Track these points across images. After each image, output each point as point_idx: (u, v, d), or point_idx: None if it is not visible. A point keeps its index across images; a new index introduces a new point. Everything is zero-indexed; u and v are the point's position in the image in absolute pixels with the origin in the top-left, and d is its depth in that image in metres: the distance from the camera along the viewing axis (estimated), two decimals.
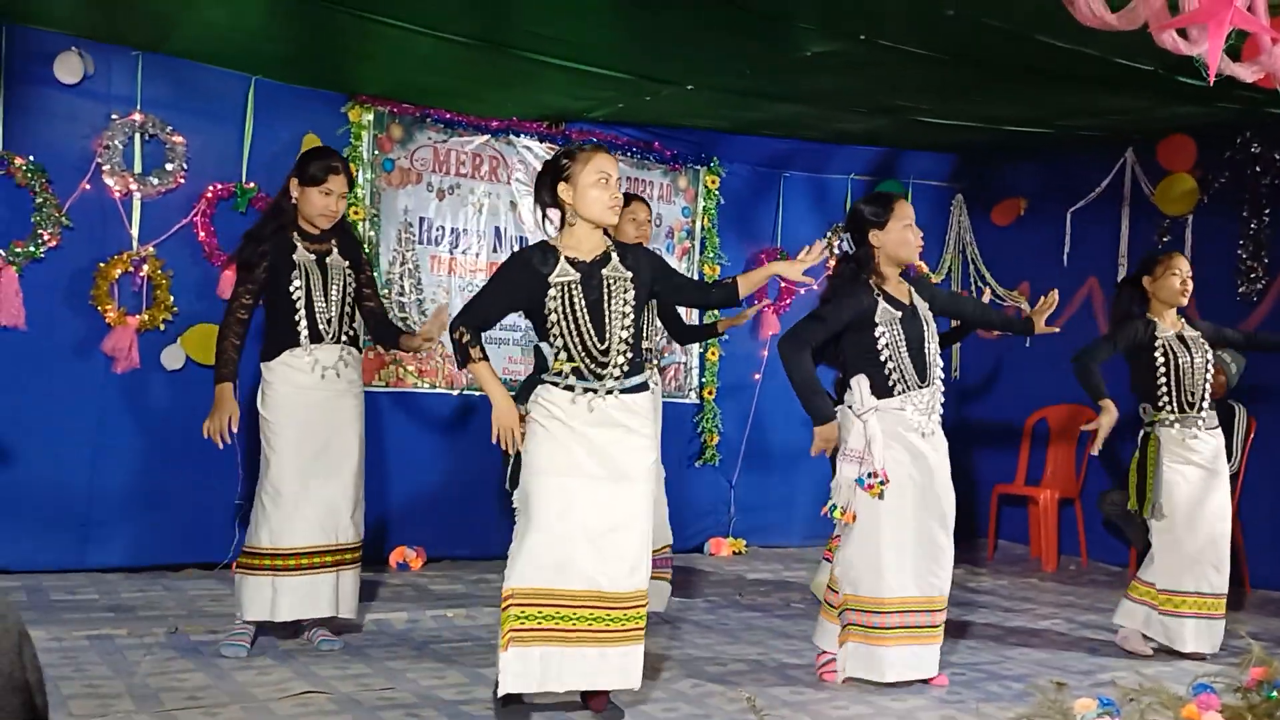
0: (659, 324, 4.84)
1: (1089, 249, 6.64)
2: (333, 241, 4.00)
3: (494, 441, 3.20)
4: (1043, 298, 4.13)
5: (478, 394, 5.94)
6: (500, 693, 3.15)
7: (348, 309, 4.00)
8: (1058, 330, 4.19)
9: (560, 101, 5.79)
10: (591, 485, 3.15)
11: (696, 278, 6.70)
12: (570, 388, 3.18)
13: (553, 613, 3.11)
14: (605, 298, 3.20)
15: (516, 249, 4.04)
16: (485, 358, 3.20)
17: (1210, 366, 4.40)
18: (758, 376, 6.90)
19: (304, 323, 3.88)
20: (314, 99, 5.50)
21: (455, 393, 5.94)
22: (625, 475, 3.18)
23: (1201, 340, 4.43)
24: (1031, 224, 7.05)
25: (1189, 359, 4.36)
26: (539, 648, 3.10)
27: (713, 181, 6.75)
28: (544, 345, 3.23)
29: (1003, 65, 4.80)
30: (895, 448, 3.69)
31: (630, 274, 3.26)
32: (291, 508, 3.86)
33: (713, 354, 6.74)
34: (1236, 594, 5.58)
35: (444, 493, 5.78)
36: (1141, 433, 4.44)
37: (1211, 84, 3.29)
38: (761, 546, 6.82)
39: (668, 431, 6.07)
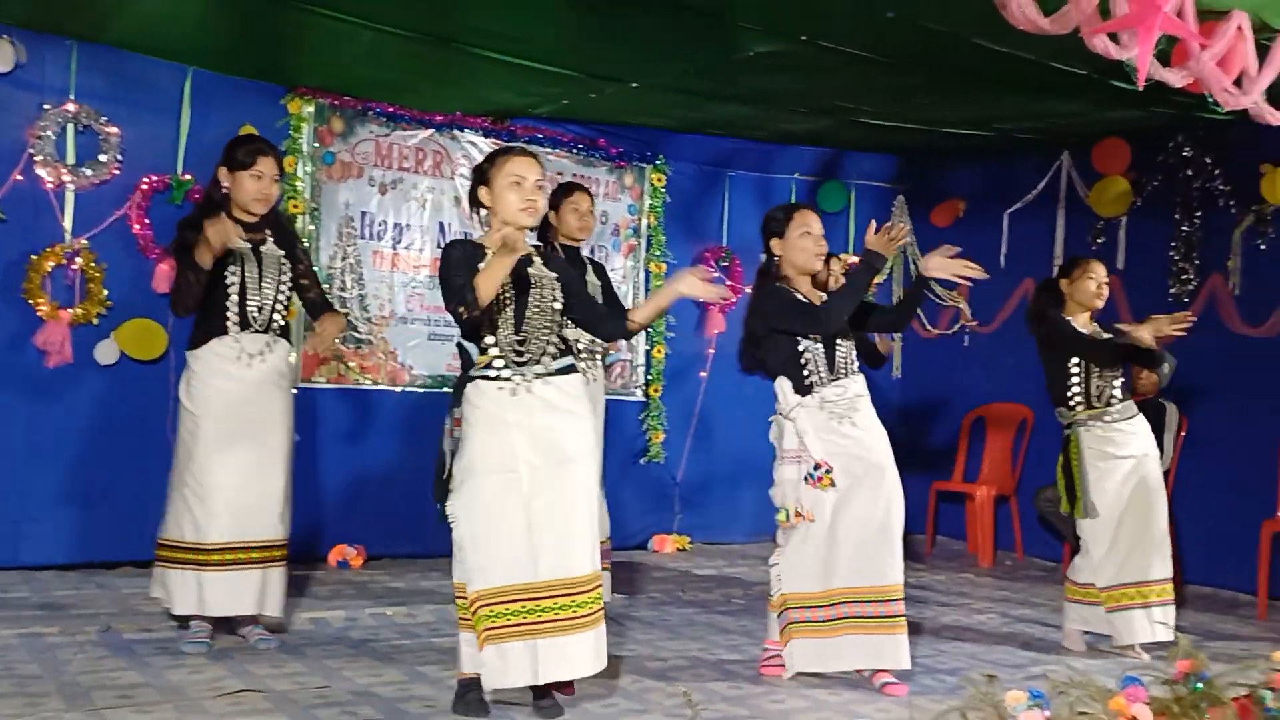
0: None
1: (1025, 250, 6.76)
2: (267, 231, 3.95)
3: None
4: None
5: (420, 391, 5.92)
6: (486, 689, 3.16)
7: (281, 299, 3.95)
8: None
9: (504, 97, 5.77)
10: (535, 474, 3.16)
11: (643, 277, 6.73)
12: (500, 379, 3.19)
13: (520, 608, 3.11)
14: (530, 293, 3.26)
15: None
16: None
17: (1121, 365, 4.50)
18: (703, 374, 6.94)
19: (234, 310, 3.84)
20: (252, 90, 5.44)
21: (398, 389, 5.90)
22: (568, 458, 3.20)
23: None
24: (970, 225, 7.16)
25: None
26: (518, 642, 3.11)
27: (659, 179, 6.77)
28: (466, 342, 3.24)
29: (942, 68, 4.88)
30: (828, 440, 3.74)
31: (554, 274, 3.34)
32: (217, 502, 3.80)
33: (658, 352, 6.76)
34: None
35: (386, 490, 5.74)
36: (1063, 435, 4.54)
37: (1141, 88, 3.37)
38: (705, 543, 6.86)
39: (613, 429, 6.10)
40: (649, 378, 6.76)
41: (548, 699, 3.23)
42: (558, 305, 3.31)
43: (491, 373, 3.21)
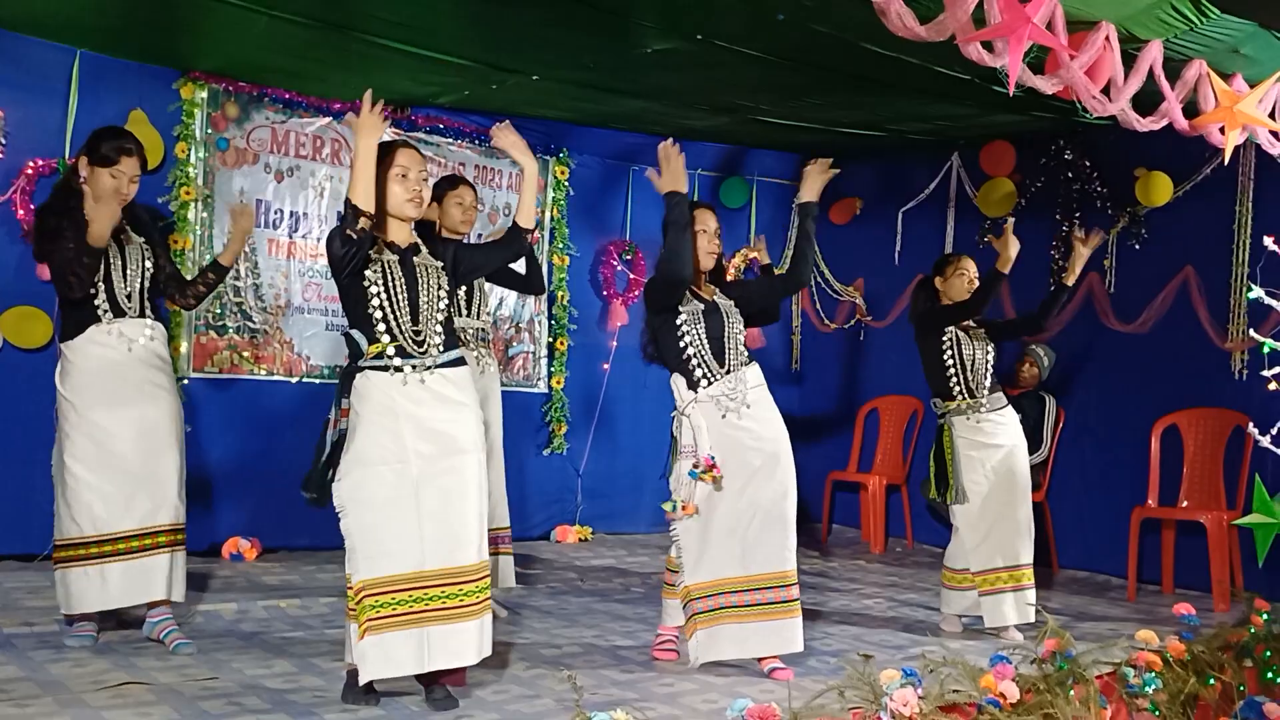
0: (489, 307, 4.89)
1: (918, 247, 6.97)
2: (122, 219, 3.86)
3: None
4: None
5: (317, 382, 5.86)
6: (363, 680, 3.16)
7: (147, 284, 3.90)
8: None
9: (404, 86, 5.74)
10: (427, 465, 3.18)
11: (546, 268, 6.76)
12: (392, 369, 3.21)
13: (405, 597, 3.14)
14: (420, 281, 3.29)
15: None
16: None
17: (991, 357, 4.71)
18: (606, 366, 7.01)
19: (103, 298, 3.78)
20: (143, 74, 5.32)
21: (294, 380, 5.83)
22: (459, 449, 3.23)
23: (983, 333, 4.75)
24: (866, 223, 7.37)
25: (972, 351, 4.67)
26: (399, 632, 3.12)
27: (562, 172, 6.80)
28: (355, 332, 3.25)
29: (833, 70, 5.02)
30: (721, 434, 3.82)
31: (441, 263, 3.38)
32: (113, 490, 3.74)
33: (561, 344, 6.80)
34: (1045, 574, 5.98)
35: (281, 482, 5.61)
36: (937, 424, 4.72)
37: (1011, 94, 3.53)
38: (608, 534, 6.94)
39: (516, 420, 6.13)
40: (552, 369, 6.80)
41: (439, 690, 3.26)
42: (444, 295, 3.34)
43: (382, 363, 3.22)
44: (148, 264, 3.91)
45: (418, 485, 3.17)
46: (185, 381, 5.36)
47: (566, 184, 6.82)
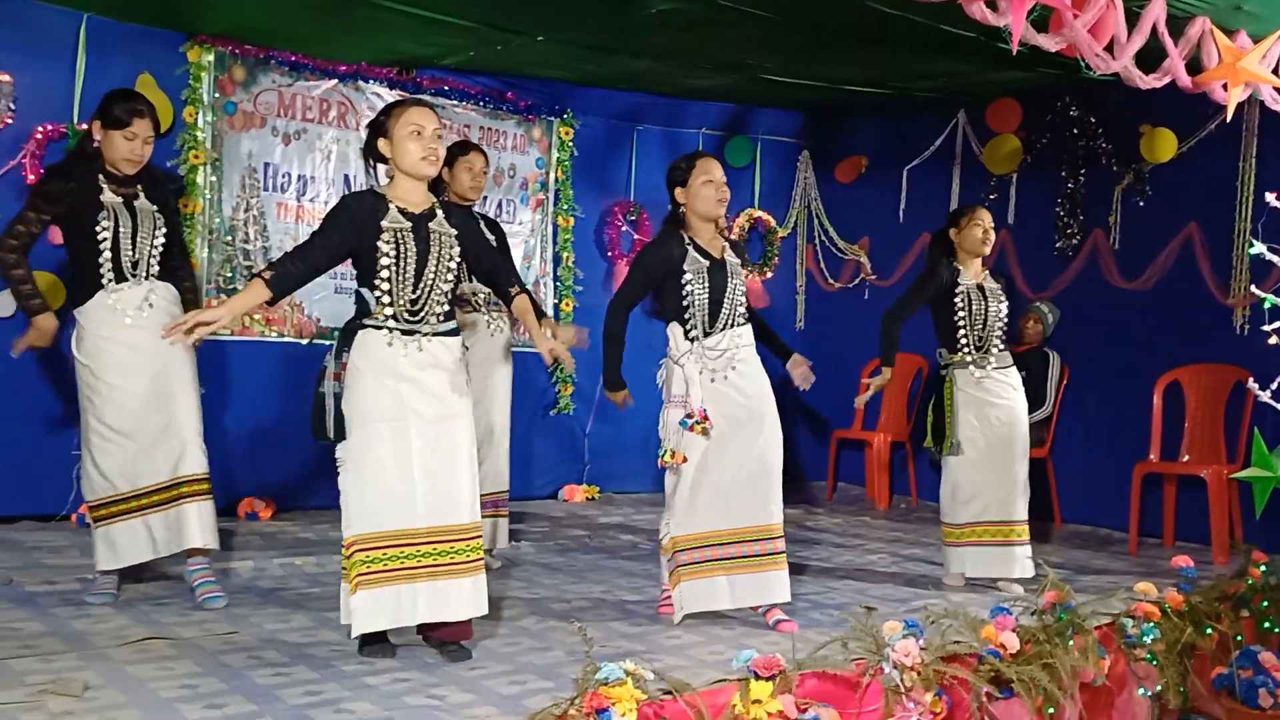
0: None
1: (923, 205, 6.98)
2: (139, 186, 3.91)
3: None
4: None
5: (327, 343, 5.88)
6: (354, 634, 3.25)
7: (157, 250, 3.92)
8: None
9: (410, 47, 5.75)
10: (422, 425, 3.25)
11: (550, 230, 6.79)
12: (396, 330, 3.26)
13: (396, 553, 3.21)
14: (432, 249, 3.31)
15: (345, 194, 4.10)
16: (269, 285, 3.17)
17: (1004, 316, 4.73)
18: None
19: (108, 265, 3.82)
20: (150, 38, 5.34)
21: (304, 342, 5.90)
22: (452, 413, 3.30)
23: (999, 291, 4.75)
24: (871, 181, 7.37)
25: (984, 307, 4.68)
26: (389, 587, 3.20)
27: (566, 133, 6.81)
28: (365, 291, 3.29)
29: (838, 28, 5.00)
30: (709, 389, 3.88)
31: (455, 232, 3.39)
32: (138, 447, 3.82)
33: (566, 305, 6.85)
34: (1046, 528, 6.07)
35: (293, 443, 5.71)
36: (939, 374, 4.76)
37: (1015, 53, 3.54)
38: (614, 492, 7.02)
39: (523, 381, 6.18)
40: None
41: (451, 644, 3.34)
42: (454, 263, 3.36)
43: (390, 324, 3.27)
44: (160, 230, 3.94)
45: (413, 444, 3.24)
46: (196, 343, 5.41)
47: (571, 145, 6.83)
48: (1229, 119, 4.48)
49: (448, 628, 3.34)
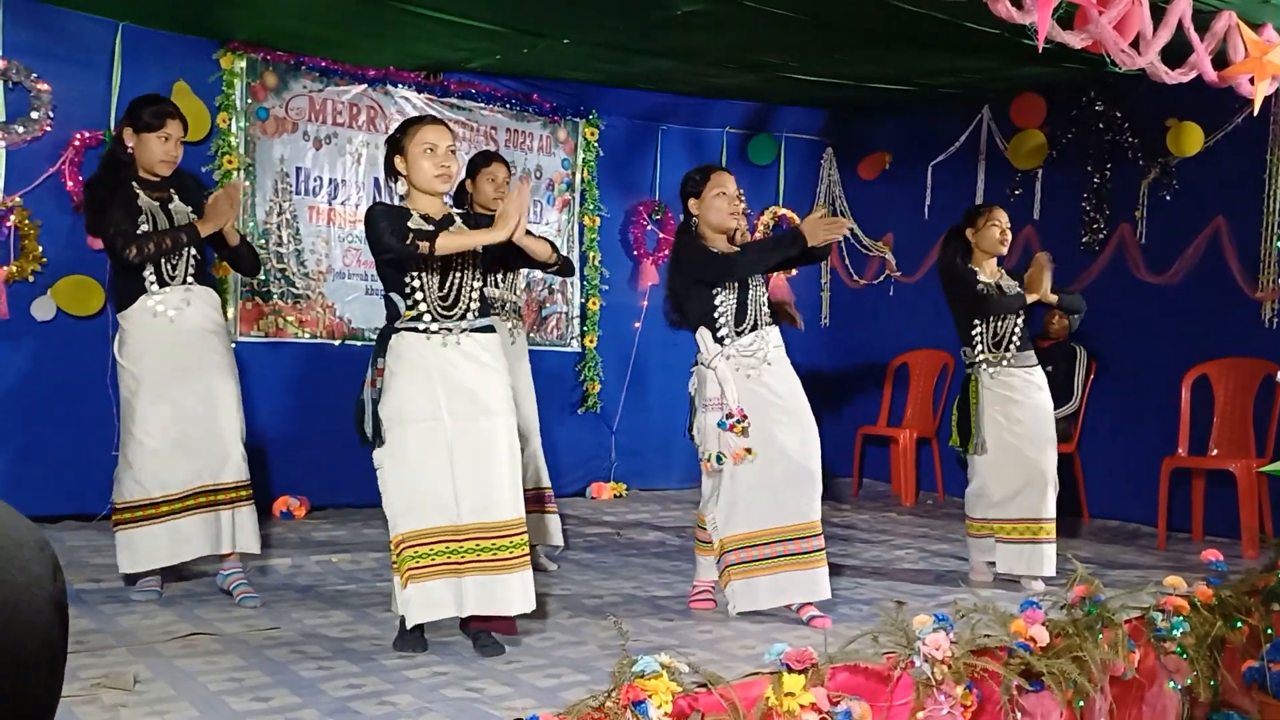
0: (522, 278, 4.99)
1: (948, 201, 6.99)
2: (171, 190, 3.98)
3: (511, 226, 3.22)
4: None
5: (358, 344, 6.01)
6: (409, 624, 3.33)
7: (195, 253, 3.96)
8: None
9: (437, 52, 5.82)
10: (459, 423, 3.31)
11: (577, 231, 6.85)
12: (428, 330, 3.33)
13: (443, 549, 3.28)
14: (453, 256, 3.34)
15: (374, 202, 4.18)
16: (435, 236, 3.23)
17: (1023, 315, 4.72)
18: (638, 325, 7.11)
19: (150, 269, 3.87)
20: (184, 45, 5.43)
21: (336, 342, 5.98)
22: (490, 411, 3.36)
23: (1017, 289, 4.76)
24: (896, 177, 7.39)
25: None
26: (439, 580, 3.28)
27: (592, 134, 6.87)
28: (394, 295, 3.37)
29: (861, 26, 5.03)
30: (743, 389, 3.93)
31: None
32: (177, 454, 3.86)
33: (593, 304, 6.91)
34: (1074, 523, 6.08)
35: (327, 442, 5.81)
36: (965, 374, 4.78)
37: (1040, 50, 3.57)
38: (642, 490, 7.08)
39: (550, 380, 6.26)
40: (584, 329, 6.91)
41: (486, 636, 3.40)
42: (477, 267, 3.42)
43: (421, 325, 3.34)
44: None
45: (451, 442, 3.30)
46: (233, 345, 5.51)
47: (596, 145, 6.89)
48: (1256, 113, 4.48)
49: (494, 621, 3.40)
